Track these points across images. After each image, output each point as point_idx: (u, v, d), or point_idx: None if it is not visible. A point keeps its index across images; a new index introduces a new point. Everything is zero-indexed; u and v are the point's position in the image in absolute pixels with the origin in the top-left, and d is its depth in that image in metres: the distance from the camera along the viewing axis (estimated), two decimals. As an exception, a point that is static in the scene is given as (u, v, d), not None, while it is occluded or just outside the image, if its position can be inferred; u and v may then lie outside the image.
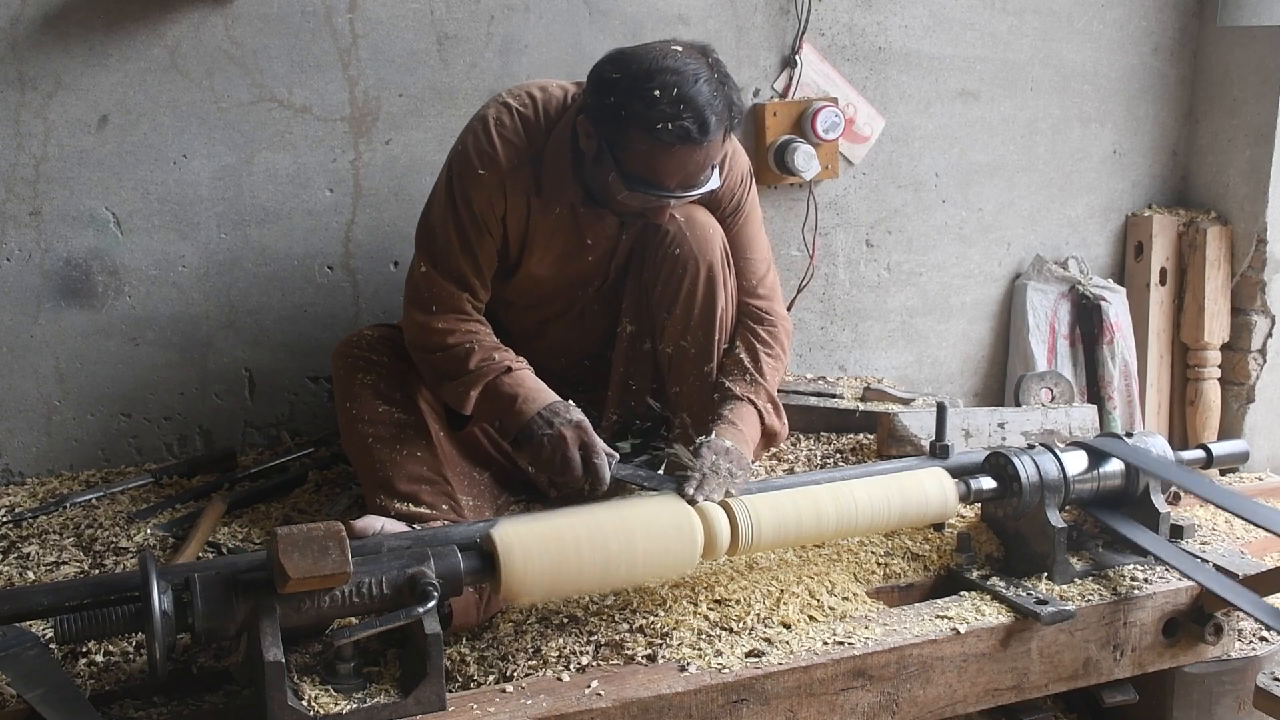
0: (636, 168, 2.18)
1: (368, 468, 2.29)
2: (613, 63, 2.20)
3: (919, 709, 1.99)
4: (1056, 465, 2.19)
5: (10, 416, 2.78)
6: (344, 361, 2.37)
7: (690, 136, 2.11)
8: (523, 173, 2.32)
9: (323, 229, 2.92)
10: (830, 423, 3.04)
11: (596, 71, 2.23)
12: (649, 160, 2.16)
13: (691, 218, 2.44)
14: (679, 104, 2.09)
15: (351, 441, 2.34)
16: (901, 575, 2.23)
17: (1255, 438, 3.70)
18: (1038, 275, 3.63)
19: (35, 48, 2.63)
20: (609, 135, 2.19)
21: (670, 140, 2.12)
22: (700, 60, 2.16)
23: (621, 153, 2.18)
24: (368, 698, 1.73)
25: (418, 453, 2.29)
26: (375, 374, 2.34)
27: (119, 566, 2.31)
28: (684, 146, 2.13)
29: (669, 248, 2.43)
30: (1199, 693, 2.23)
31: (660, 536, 1.93)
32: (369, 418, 2.30)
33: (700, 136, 2.12)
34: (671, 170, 2.18)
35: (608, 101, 2.17)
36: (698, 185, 2.23)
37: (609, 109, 2.17)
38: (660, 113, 2.10)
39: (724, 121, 2.16)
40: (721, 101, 2.14)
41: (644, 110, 2.11)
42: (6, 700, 1.82)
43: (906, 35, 3.35)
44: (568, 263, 2.45)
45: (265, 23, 2.77)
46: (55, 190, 2.71)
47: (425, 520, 2.19)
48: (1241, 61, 3.60)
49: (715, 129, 2.14)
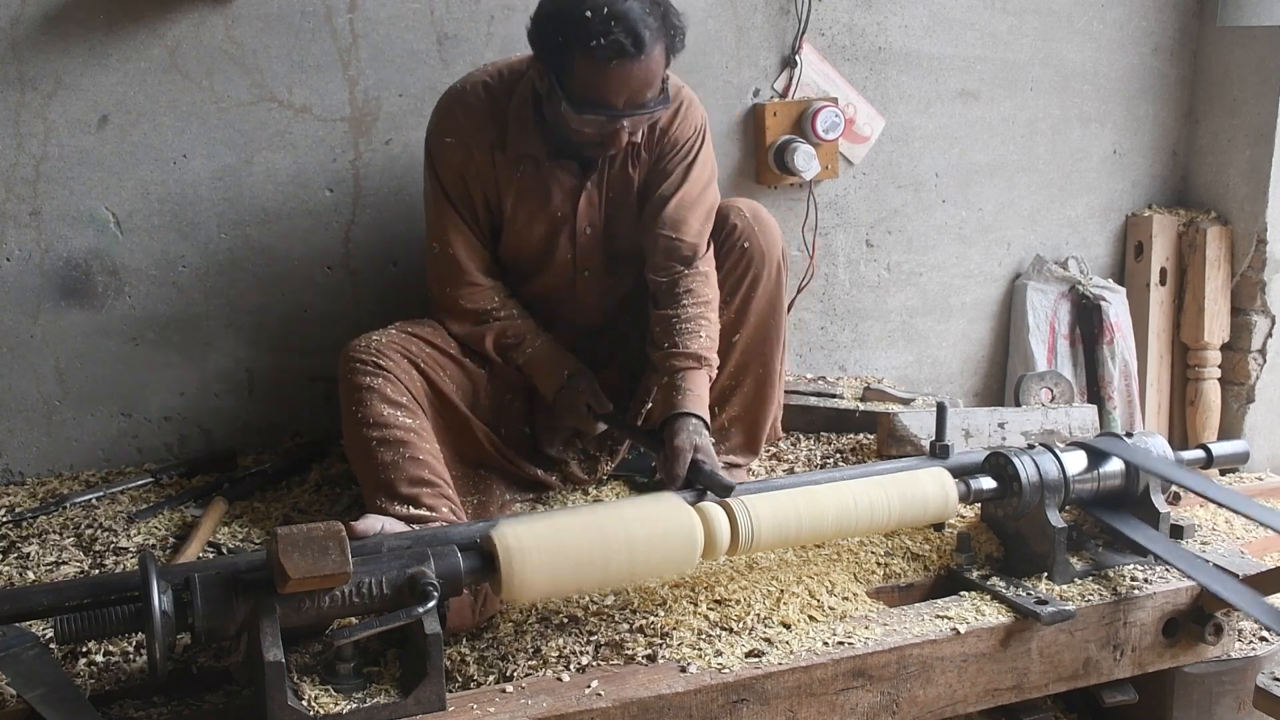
0: (582, 90, 2.27)
1: (369, 471, 2.30)
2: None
3: (919, 709, 1.99)
4: (1056, 465, 2.19)
5: (10, 416, 2.78)
6: (350, 365, 2.38)
7: (625, 50, 2.20)
8: (485, 133, 2.45)
9: (323, 229, 2.92)
10: (830, 423, 3.04)
11: (537, 9, 2.33)
12: (591, 79, 2.25)
13: (758, 215, 2.60)
14: (610, 20, 2.19)
15: (354, 444, 2.35)
16: (901, 575, 2.23)
17: (1255, 438, 3.70)
18: (1038, 275, 3.63)
19: (35, 48, 2.63)
20: (554, 66, 2.29)
21: (606, 56, 2.21)
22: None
23: (566, 79, 2.27)
24: (368, 698, 1.73)
25: (419, 456, 2.29)
26: (382, 378, 2.35)
27: (119, 566, 2.31)
28: (621, 61, 2.22)
29: (737, 240, 2.57)
30: (1199, 693, 2.23)
31: (660, 536, 1.93)
32: (373, 421, 2.31)
33: (635, 50, 2.21)
34: (614, 87, 2.26)
35: (547, 32, 2.29)
36: (647, 103, 2.31)
37: (549, 39, 2.29)
38: (593, 30, 2.19)
39: (660, 36, 2.25)
40: (655, 18, 2.24)
41: (579, 32, 2.21)
42: (6, 700, 1.82)
43: (906, 35, 3.35)
44: (538, 218, 2.52)
45: (265, 23, 2.77)
46: (55, 190, 2.71)
47: (425, 522, 2.19)
48: (1241, 61, 3.60)
49: (651, 42, 2.23)
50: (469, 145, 2.46)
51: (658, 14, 2.25)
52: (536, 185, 2.49)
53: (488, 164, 2.47)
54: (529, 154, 2.45)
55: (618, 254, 2.61)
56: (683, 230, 2.50)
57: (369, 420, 2.31)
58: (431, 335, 2.51)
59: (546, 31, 2.29)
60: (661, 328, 2.47)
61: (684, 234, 2.50)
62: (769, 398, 2.70)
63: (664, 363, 2.43)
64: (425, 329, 2.52)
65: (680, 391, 2.37)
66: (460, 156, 2.47)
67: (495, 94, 2.46)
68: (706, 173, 2.58)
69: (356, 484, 2.68)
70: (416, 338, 2.47)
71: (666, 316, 2.47)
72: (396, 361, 2.39)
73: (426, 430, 2.36)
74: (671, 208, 2.51)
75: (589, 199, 2.53)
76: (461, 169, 2.48)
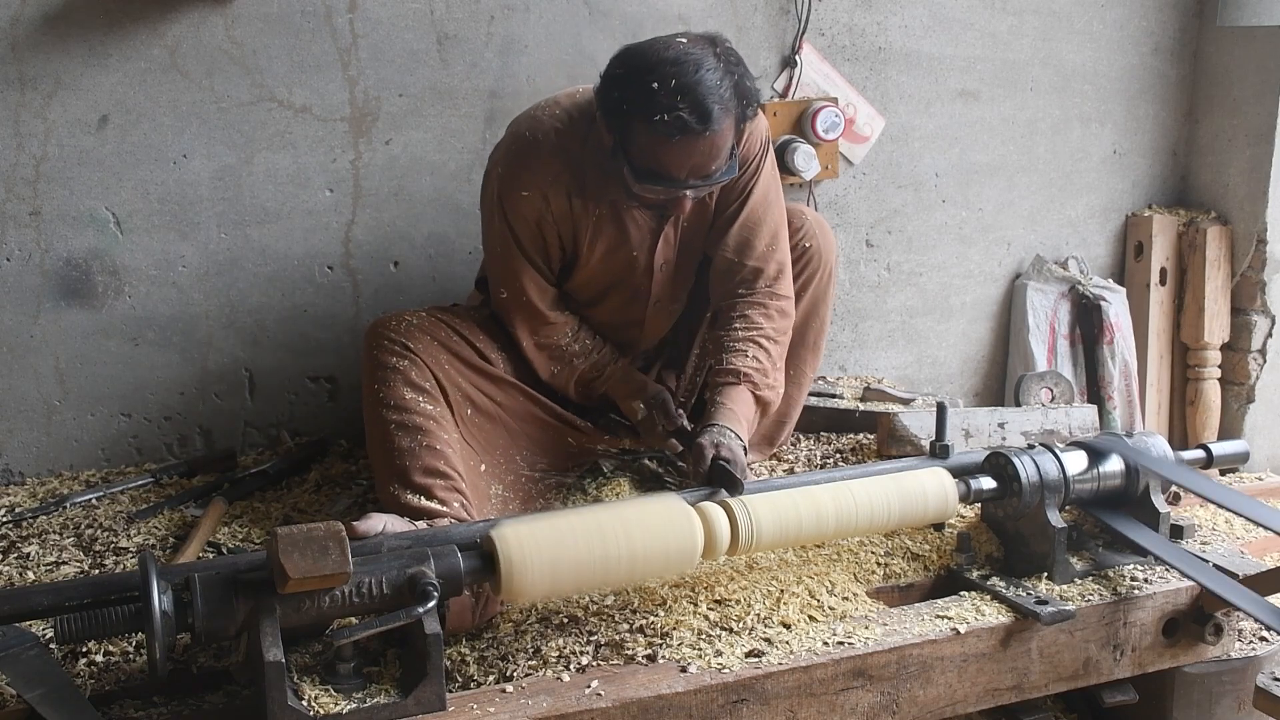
0: (644, 161, 2.22)
1: (384, 454, 2.27)
2: (619, 59, 2.25)
3: (919, 709, 1.99)
4: (1056, 465, 2.18)
5: (10, 416, 2.78)
6: (378, 341, 2.35)
7: (689, 127, 2.14)
8: (562, 182, 2.37)
9: (323, 229, 2.92)
10: (830, 423, 3.04)
11: (607, 70, 2.27)
12: (653, 153, 2.20)
13: (820, 221, 2.70)
14: (677, 94, 2.12)
15: (372, 424, 2.32)
16: (901, 575, 2.23)
17: (1255, 438, 3.70)
18: (1038, 275, 3.63)
19: (35, 48, 2.63)
20: (618, 130, 2.23)
21: (669, 132, 2.14)
22: (705, 49, 2.19)
23: (630, 147, 2.23)
24: (368, 698, 1.73)
25: (437, 446, 2.27)
26: (408, 361, 2.32)
27: (119, 566, 2.31)
28: (685, 137, 2.16)
29: (801, 239, 2.62)
30: (1199, 693, 2.23)
31: (660, 536, 1.93)
32: (394, 404, 2.28)
33: (700, 126, 2.14)
34: (677, 161, 2.21)
35: (613, 98, 2.22)
36: (711, 174, 2.27)
37: (615, 105, 2.22)
38: (658, 104, 2.13)
39: (729, 110, 2.18)
40: (728, 89, 2.16)
41: (644, 104, 2.15)
42: (6, 700, 1.82)
43: (906, 35, 3.35)
44: (615, 255, 2.49)
45: (265, 23, 2.77)
46: (55, 190, 2.71)
47: (433, 516, 2.19)
48: (1241, 61, 3.60)
49: (719, 118, 2.16)
50: (546, 195, 2.38)
51: (729, 84, 2.18)
52: (614, 226, 2.46)
53: (565, 210, 2.41)
54: (608, 197, 2.41)
55: (686, 281, 2.63)
56: (746, 254, 2.50)
57: (389, 402, 2.29)
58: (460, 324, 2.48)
59: (613, 96, 2.22)
60: (713, 346, 2.52)
61: (746, 257, 2.50)
62: (795, 398, 2.76)
63: (711, 380, 2.48)
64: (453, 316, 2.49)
65: (717, 407, 2.39)
66: (538, 207, 2.39)
67: (567, 140, 2.37)
68: (772, 190, 2.54)
69: (357, 483, 2.68)
70: (445, 324, 2.45)
71: (718, 338, 2.50)
72: (425, 345, 2.36)
73: (447, 419, 2.34)
74: (736, 229, 2.50)
75: (666, 239, 2.52)
76: (538, 219, 2.41)
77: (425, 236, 2.99)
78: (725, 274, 2.52)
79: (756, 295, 2.51)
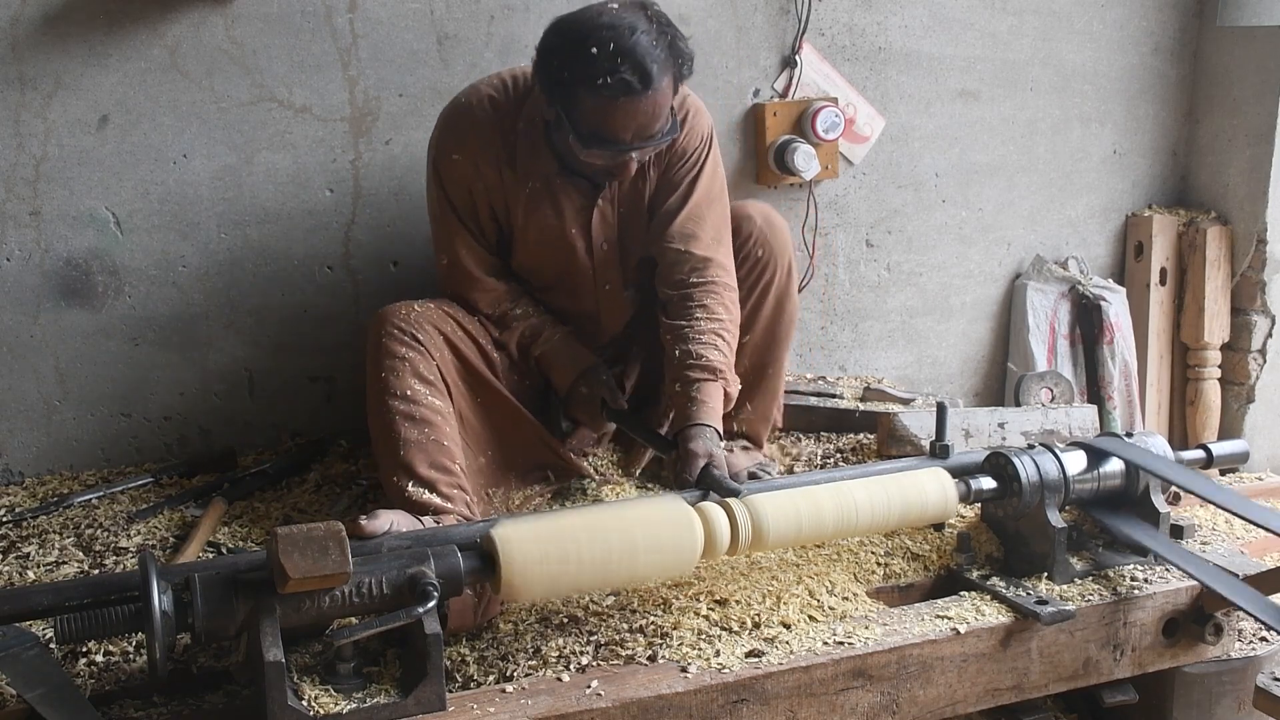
0: (590, 126, 2.26)
1: (390, 444, 2.27)
2: (553, 30, 2.29)
3: (919, 709, 1.99)
4: (1056, 465, 2.18)
5: (10, 416, 2.78)
6: (387, 331, 2.34)
7: (632, 88, 2.18)
8: (493, 149, 2.42)
9: (323, 229, 2.92)
10: (830, 423, 3.03)
11: (542, 42, 2.31)
12: (599, 117, 2.23)
13: (770, 220, 2.63)
14: (616, 57, 2.16)
15: (378, 415, 2.31)
16: (901, 575, 2.23)
17: (1255, 438, 3.70)
18: (1038, 275, 3.63)
19: (35, 48, 2.63)
20: (560, 99, 2.27)
21: (613, 94, 2.19)
22: (637, 13, 2.23)
23: (574, 114, 2.26)
24: (368, 698, 1.73)
25: (444, 442, 2.28)
26: (417, 352, 2.33)
27: (119, 566, 2.31)
28: (629, 98, 2.20)
29: (751, 247, 2.59)
30: (1199, 693, 2.23)
31: (660, 536, 1.93)
32: (401, 394, 2.28)
33: (642, 87, 2.19)
34: (622, 124, 2.24)
35: (553, 66, 2.26)
36: (655, 135, 2.30)
37: (555, 74, 2.26)
38: (600, 69, 2.17)
39: (667, 69, 2.23)
40: (662, 50, 2.21)
41: (585, 69, 2.19)
42: (6, 700, 1.82)
43: (906, 35, 3.35)
44: (550, 233, 2.51)
45: (265, 23, 2.77)
46: (55, 190, 2.71)
47: (437, 511, 2.19)
48: (1241, 61, 3.60)
49: (658, 77, 2.20)
50: (476, 161, 2.43)
51: (664, 44, 2.21)
52: (547, 201, 2.47)
53: (496, 180, 2.45)
54: (539, 172, 2.44)
55: (634, 267, 2.62)
56: (692, 243, 2.49)
57: (397, 392, 2.29)
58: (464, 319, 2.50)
59: (552, 66, 2.26)
60: (673, 336, 2.46)
61: (693, 247, 2.49)
62: (774, 395, 2.74)
63: (680, 373, 2.42)
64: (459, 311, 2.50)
65: (695, 403, 2.37)
66: (467, 171, 2.44)
67: (502, 108, 2.43)
68: (716, 184, 2.55)
69: (358, 483, 2.68)
70: (451, 318, 2.46)
71: (678, 327, 2.46)
72: (432, 337, 2.37)
73: (451, 415, 2.35)
74: (680, 220, 2.49)
75: (601, 215, 2.52)
76: (468, 184, 2.45)
77: (425, 236, 2.97)
78: (674, 265, 2.50)
79: (713, 285, 2.48)
